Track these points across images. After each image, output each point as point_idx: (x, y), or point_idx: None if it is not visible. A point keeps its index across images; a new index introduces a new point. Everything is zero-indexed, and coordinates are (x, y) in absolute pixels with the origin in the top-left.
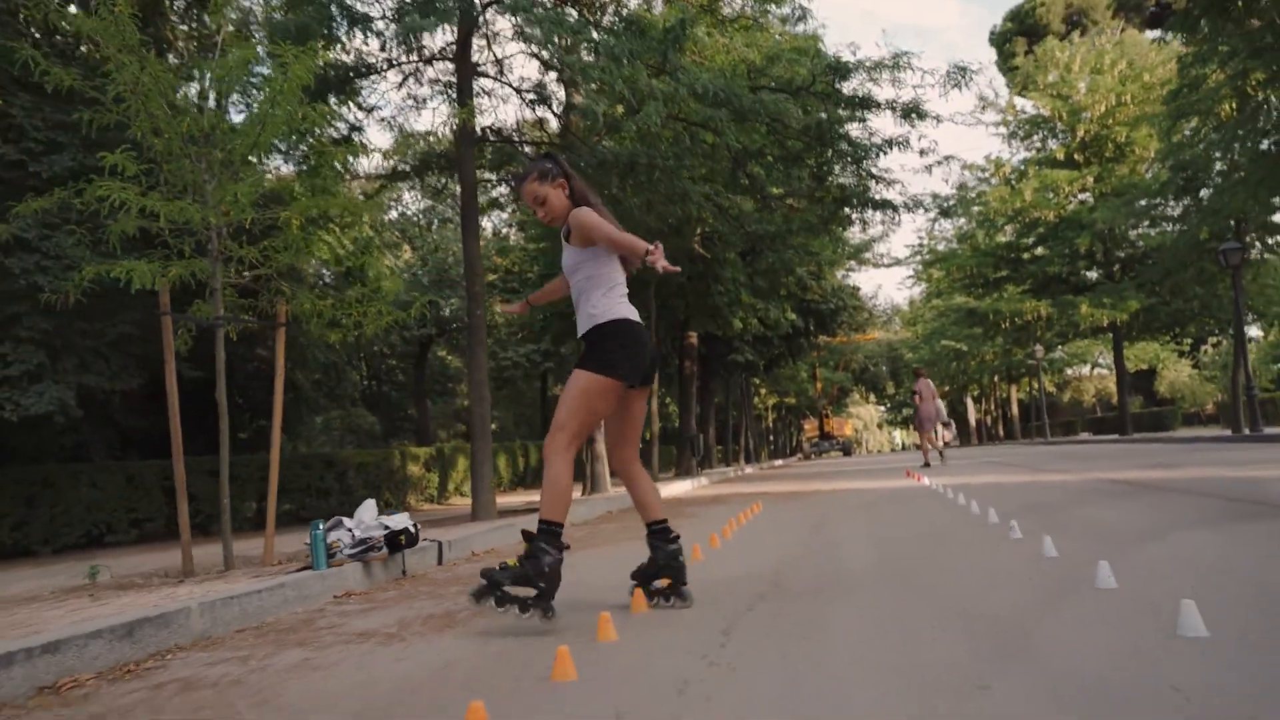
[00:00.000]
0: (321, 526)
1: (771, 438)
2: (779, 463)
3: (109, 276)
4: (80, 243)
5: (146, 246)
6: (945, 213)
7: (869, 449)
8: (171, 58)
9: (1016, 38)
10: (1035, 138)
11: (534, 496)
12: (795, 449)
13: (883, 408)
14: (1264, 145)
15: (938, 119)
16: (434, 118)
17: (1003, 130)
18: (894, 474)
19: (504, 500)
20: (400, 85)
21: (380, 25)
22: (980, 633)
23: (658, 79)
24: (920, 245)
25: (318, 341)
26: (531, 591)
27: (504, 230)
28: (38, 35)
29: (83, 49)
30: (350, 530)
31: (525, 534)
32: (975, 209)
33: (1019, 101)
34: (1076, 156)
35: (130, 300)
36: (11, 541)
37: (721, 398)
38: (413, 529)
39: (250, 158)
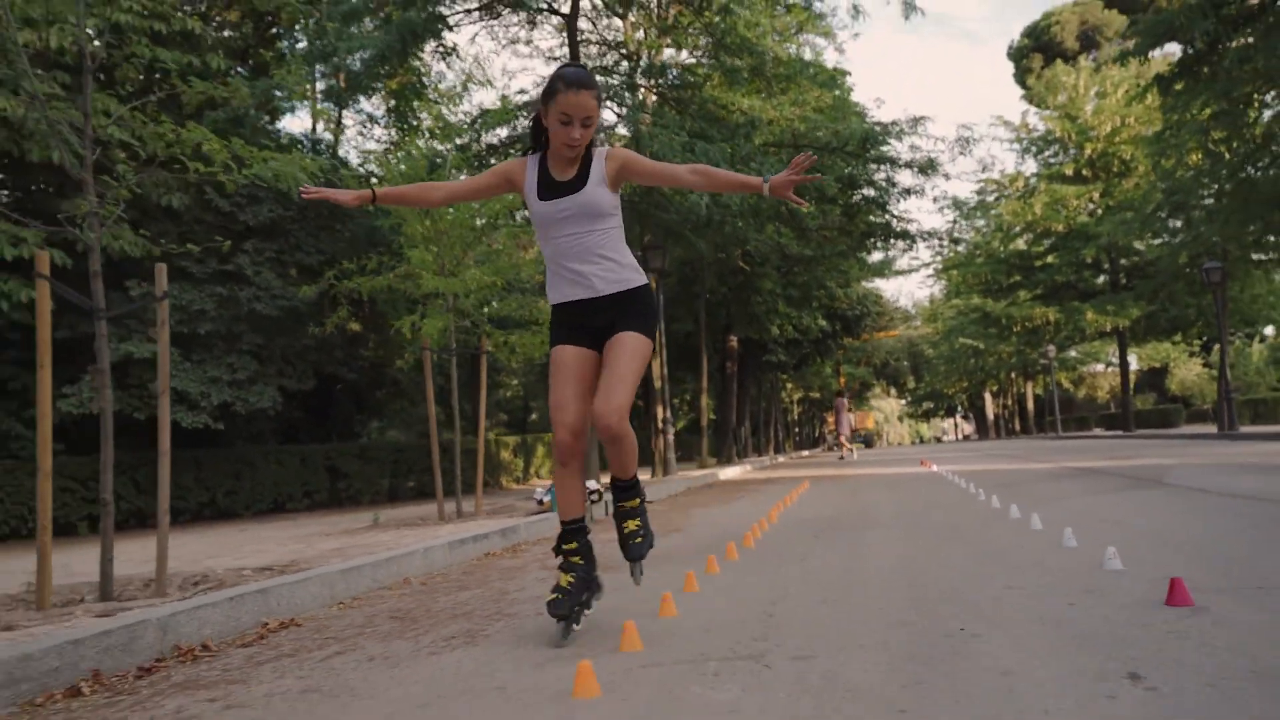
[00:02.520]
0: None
1: (796, 430)
2: (805, 453)
3: (404, 326)
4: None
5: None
6: (955, 240)
7: (889, 441)
8: None
9: (1033, 53)
10: (1047, 153)
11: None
12: (819, 440)
13: (903, 401)
14: (1227, 187)
15: (946, 176)
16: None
17: (1017, 146)
18: (910, 463)
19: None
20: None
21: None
22: (944, 534)
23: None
24: (941, 245)
25: (410, 342)
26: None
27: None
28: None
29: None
30: None
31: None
32: (992, 213)
33: (1031, 119)
34: (1085, 172)
35: (308, 322)
36: (225, 505)
37: (754, 392)
38: (603, 489)
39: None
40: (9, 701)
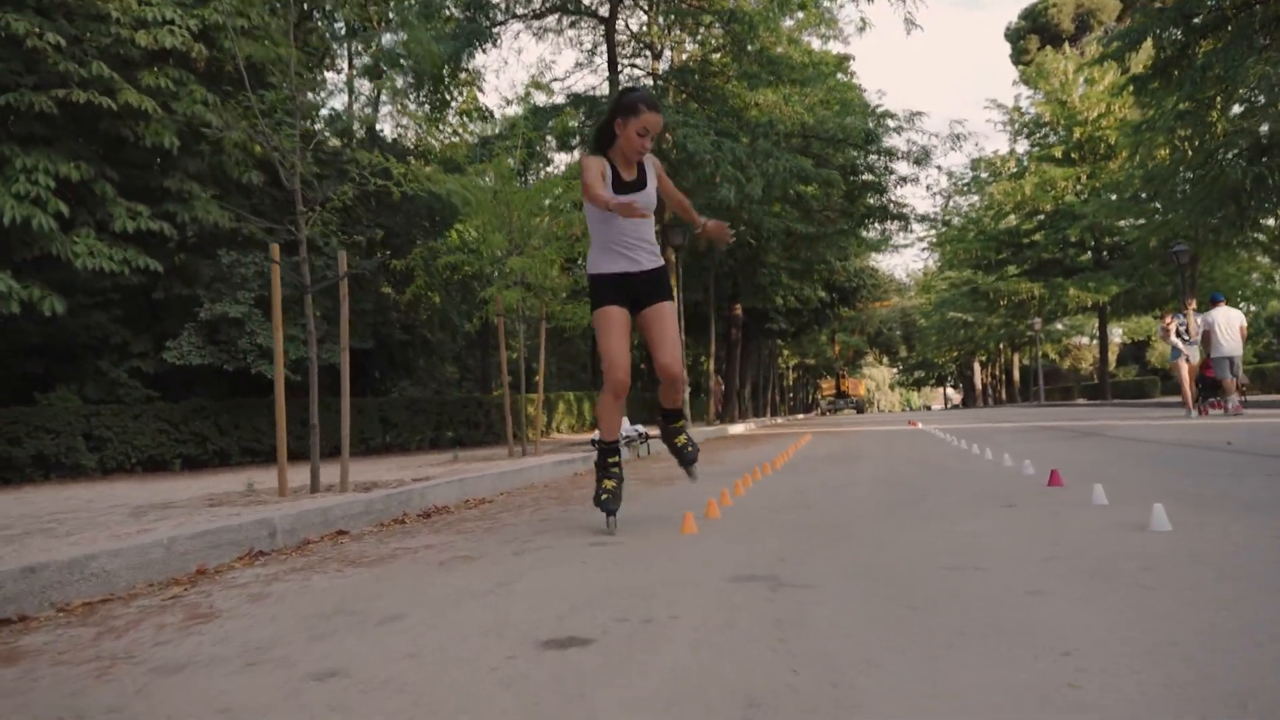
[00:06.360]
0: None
1: (791, 395)
2: (800, 416)
3: (482, 297)
4: (412, 266)
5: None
6: (947, 222)
7: (880, 408)
8: None
9: (1029, 35)
10: (1037, 135)
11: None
12: (812, 405)
13: (895, 370)
14: (1189, 178)
15: (939, 168)
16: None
17: (1009, 129)
18: (900, 422)
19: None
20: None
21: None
22: (918, 462)
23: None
24: (933, 226)
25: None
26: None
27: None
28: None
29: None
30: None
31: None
32: (986, 191)
33: (1024, 103)
34: (1073, 155)
35: (366, 285)
36: (294, 448)
37: (754, 358)
38: (646, 433)
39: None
40: (371, 523)
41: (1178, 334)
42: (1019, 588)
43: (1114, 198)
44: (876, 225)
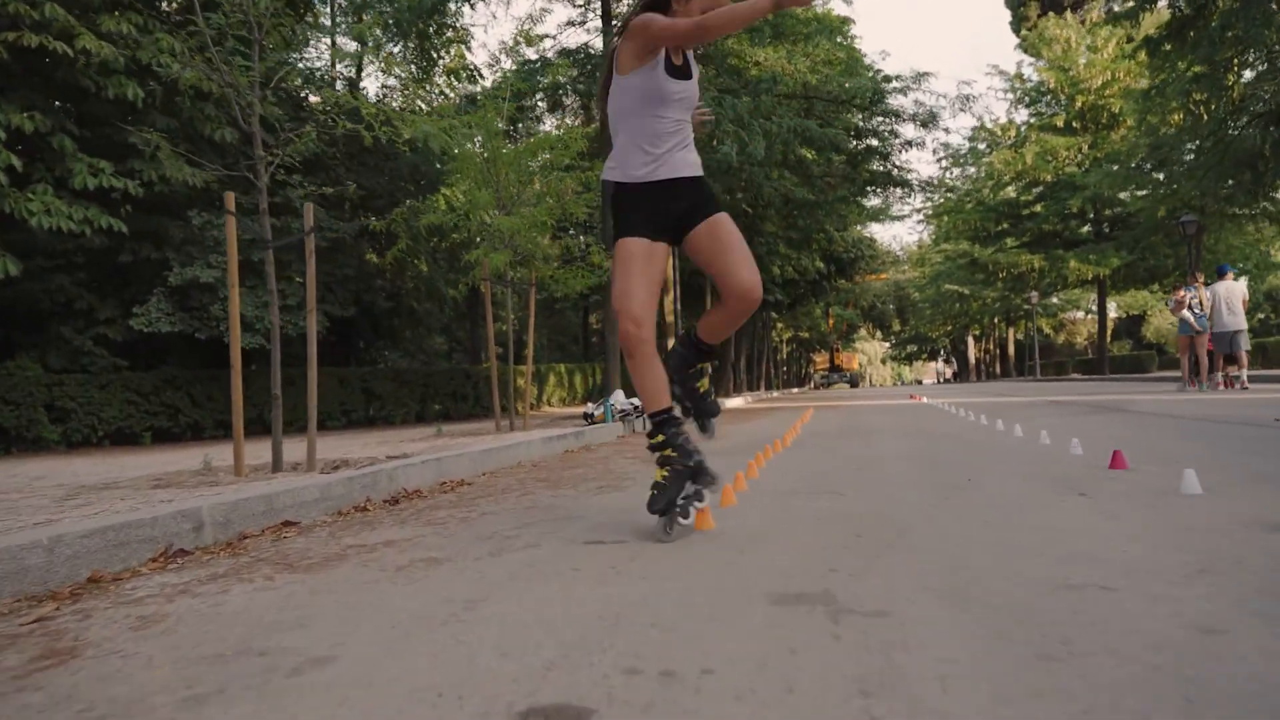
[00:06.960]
0: (608, 403)
1: (785, 369)
2: (795, 390)
3: (468, 259)
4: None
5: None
6: (950, 189)
7: (872, 382)
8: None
9: (1029, 1)
10: (1039, 104)
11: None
12: (805, 379)
13: (888, 344)
14: (1197, 145)
15: (946, 130)
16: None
17: (1010, 96)
18: (900, 396)
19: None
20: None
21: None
22: (940, 437)
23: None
24: (935, 193)
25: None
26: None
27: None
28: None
29: None
30: (613, 405)
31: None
32: (984, 161)
33: (1026, 70)
34: (1075, 124)
35: (349, 249)
36: (270, 421)
37: (748, 330)
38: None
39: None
40: (327, 511)
41: (1189, 307)
42: (1181, 620)
43: (1115, 168)
44: (879, 192)
